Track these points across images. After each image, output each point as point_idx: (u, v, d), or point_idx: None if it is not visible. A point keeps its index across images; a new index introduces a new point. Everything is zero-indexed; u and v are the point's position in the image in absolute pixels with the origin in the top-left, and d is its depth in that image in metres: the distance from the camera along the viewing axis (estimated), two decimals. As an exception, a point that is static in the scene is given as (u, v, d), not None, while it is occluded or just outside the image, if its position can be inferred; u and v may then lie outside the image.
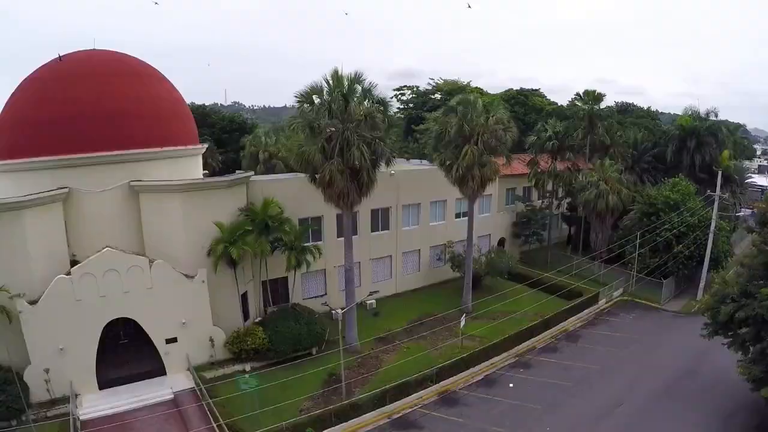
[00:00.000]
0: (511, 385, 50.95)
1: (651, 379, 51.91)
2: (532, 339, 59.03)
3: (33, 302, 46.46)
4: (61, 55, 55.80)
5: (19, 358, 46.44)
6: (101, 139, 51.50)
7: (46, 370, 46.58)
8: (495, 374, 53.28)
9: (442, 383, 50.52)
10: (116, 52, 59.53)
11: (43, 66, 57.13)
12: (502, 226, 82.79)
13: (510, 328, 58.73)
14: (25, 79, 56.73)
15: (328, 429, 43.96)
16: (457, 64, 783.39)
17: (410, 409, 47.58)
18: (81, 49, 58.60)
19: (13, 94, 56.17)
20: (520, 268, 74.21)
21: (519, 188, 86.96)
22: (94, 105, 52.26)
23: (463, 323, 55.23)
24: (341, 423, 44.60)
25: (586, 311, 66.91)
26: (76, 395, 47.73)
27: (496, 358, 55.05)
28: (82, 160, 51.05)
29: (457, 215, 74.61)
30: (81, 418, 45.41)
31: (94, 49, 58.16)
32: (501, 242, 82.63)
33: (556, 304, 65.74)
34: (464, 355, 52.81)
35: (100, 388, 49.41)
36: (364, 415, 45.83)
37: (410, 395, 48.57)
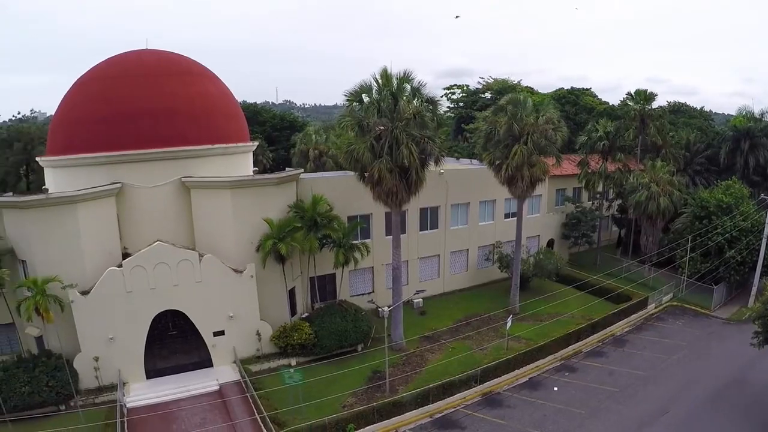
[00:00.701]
0: (555, 388, 50.51)
1: (698, 387, 50.90)
2: (579, 342, 58.36)
3: (85, 292, 47.95)
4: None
5: (69, 345, 47.90)
6: (154, 136, 52.92)
7: (96, 358, 48.18)
8: (540, 377, 52.90)
9: (487, 384, 50.31)
10: (168, 52, 61.05)
11: (97, 65, 58.96)
12: (551, 227, 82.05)
13: (556, 330, 58.20)
14: (80, 78, 58.64)
15: (370, 426, 44.16)
16: (507, 63, 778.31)
17: (453, 409, 47.51)
18: (133, 49, 60.33)
19: (68, 93, 58.14)
20: (568, 269, 73.62)
21: (569, 189, 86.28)
22: (147, 103, 53.71)
23: (509, 324, 55.01)
24: (383, 420, 44.76)
25: (634, 316, 65.68)
26: (124, 383, 49.10)
27: (541, 361, 54.62)
28: (135, 156, 52.49)
29: (506, 215, 74.24)
30: (128, 405, 46.81)
31: (146, 49, 59.78)
32: (550, 243, 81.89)
33: (603, 308, 64.87)
34: (509, 356, 52.43)
35: (148, 377, 50.76)
36: (406, 413, 45.91)
37: (454, 395, 48.47)
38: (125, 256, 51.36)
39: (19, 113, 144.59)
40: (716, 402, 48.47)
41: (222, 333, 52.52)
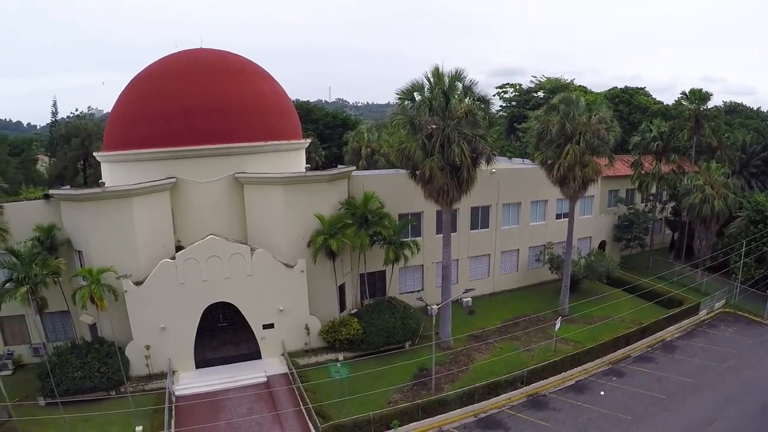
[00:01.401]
0: (602, 392, 49.92)
1: (747, 397, 49.76)
2: (628, 347, 57.52)
3: (138, 283, 49.27)
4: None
5: (122, 334, 49.31)
6: (208, 132, 54.14)
7: (147, 347, 49.71)
8: (587, 380, 52.33)
9: (533, 385, 50.04)
10: (222, 51, 62.38)
11: (152, 64, 60.69)
12: (603, 228, 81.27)
13: (605, 334, 57.55)
14: (136, 76, 60.44)
15: (414, 423, 44.33)
16: (560, 62, 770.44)
17: (497, 410, 47.37)
18: (189, 48, 61.80)
19: (124, 91, 59.86)
20: (619, 272, 72.63)
21: (622, 190, 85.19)
22: (201, 101, 54.91)
23: (558, 326, 54.55)
24: (427, 418, 44.86)
25: (685, 321, 64.40)
26: (174, 372, 50.38)
27: (589, 364, 54.03)
28: (190, 152, 53.73)
29: (558, 216, 73.65)
30: (176, 393, 48.01)
31: (200, 48, 61.15)
32: (601, 245, 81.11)
33: (654, 312, 63.80)
34: (557, 358, 52.08)
35: (197, 367, 52.03)
36: (450, 412, 45.92)
37: (499, 395, 48.32)
38: (179, 248, 52.73)
39: (77, 110, 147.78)
40: (766, 415, 47.27)
41: (271, 326, 53.30)
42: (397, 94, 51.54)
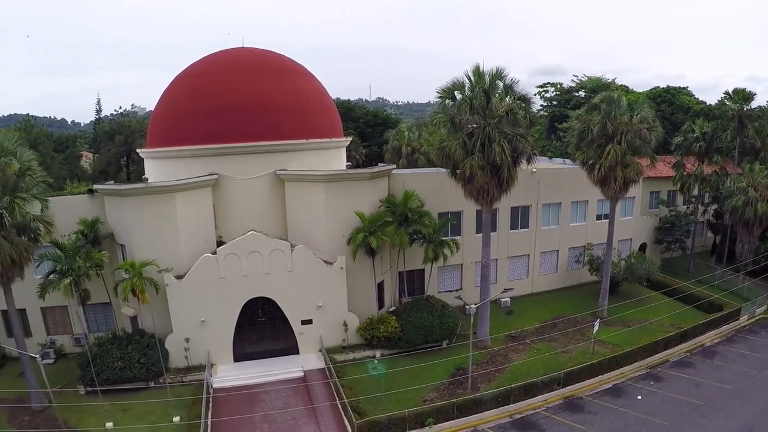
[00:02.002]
0: (639, 397, 49.19)
1: (787, 406, 48.98)
2: (666, 351, 56.65)
3: (180, 277, 50.17)
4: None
5: (162, 326, 50.25)
6: (250, 130, 54.86)
7: (186, 339, 50.60)
8: (624, 384, 51.65)
9: (569, 388, 49.63)
10: (264, 50, 63.23)
11: (195, 62, 61.78)
12: (644, 230, 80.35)
13: (644, 337, 56.86)
14: (179, 74, 61.64)
15: (449, 421, 44.28)
16: (602, 61, 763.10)
17: (533, 411, 47.07)
18: (231, 47, 62.70)
19: (168, 89, 61.14)
20: (659, 275, 71.80)
21: (663, 192, 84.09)
22: (243, 98, 55.72)
23: (596, 328, 53.94)
24: (463, 417, 44.77)
25: (725, 327, 63.07)
26: (212, 365, 51.18)
27: (626, 368, 53.34)
28: (232, 149, 54.54)
29: (598, 217, 72.87)
30: (214, 385, 48.74)
31: (243, 47, 61.97)
32: (642, 247, 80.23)
33: (694, 317, 62.90)
34: (594, 361, 51.56)
35: (235, 360, 52.85)
36: (486, 412, 45.76)
37: (535, 396, 48.02)
38: (219, 244, 53.40)
39: (120, 108, 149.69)
40: (805, 425, 46.32)
41: (310, 322, 53.77)
42: (438, 92, 51.50)
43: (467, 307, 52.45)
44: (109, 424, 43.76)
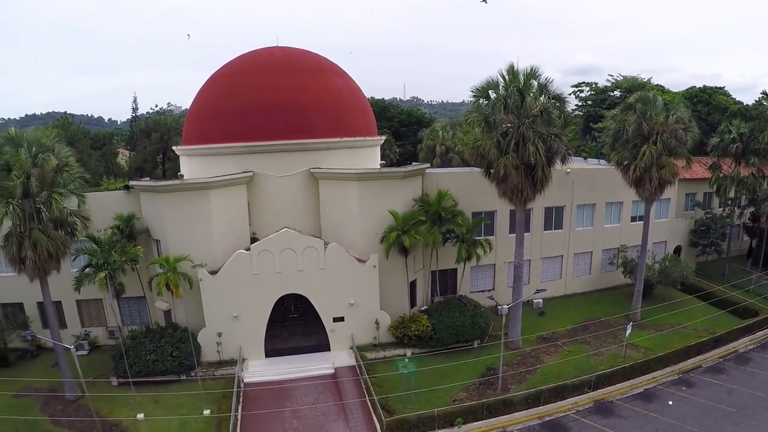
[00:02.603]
0: (670, 402, 48.40)
1: (823, 416, 47.94)
2: (699, 356, 55.71)
3: (213, 272, 50.69)
4: None
5: (195, 320, 51.19)
6: (284, 128, 55.25)
7: (219, 334, 51.29)
8: (655, 389, 50.88)
9: (600, 391, 49.10)
10: (298, 49, 63.59)
11: (230, 61, 62.54)
12: (678, 232, 79.23)
13: (676, 341, 56.11)
14: (215, 73, 62.38)
15: (478, 421, 44.15)
16: (637, 60, 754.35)
17: (563, 414, 46.66)
18: (265, 46, 63.48)
19: (203, 87, 61.96)
20: (693, 279, 70.62)
21: (699, 194, 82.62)
22: (278, 97, 56.17)
23: (629, 331, 53.42)
24: (492, 417, 44.58)
25: (760, 333, 61.58)
26: (243, 360, 51.90)
27: (658, 372, 52.62)
28: (267, 147, 54.96)
29: (633, 218, 72.09)
30: (245, 380, 49.34)
31: (277, 46, 62.53)
32: (677, 250, 79.26)
33: (728, 322, 61.74)
34: (626, 364, 51.05)
35: (266, 356, 53.37)
36: (515, 413, 45.55)
37: (565, 399, 47.63)
38: (253, 240, 53.80)
39: (156, 106, 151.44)
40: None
41: (342, 319, 54.04)
42: (472, 91, 51.29)
43: (499, 307, 52.26)
44: (141, 416, 44.60)
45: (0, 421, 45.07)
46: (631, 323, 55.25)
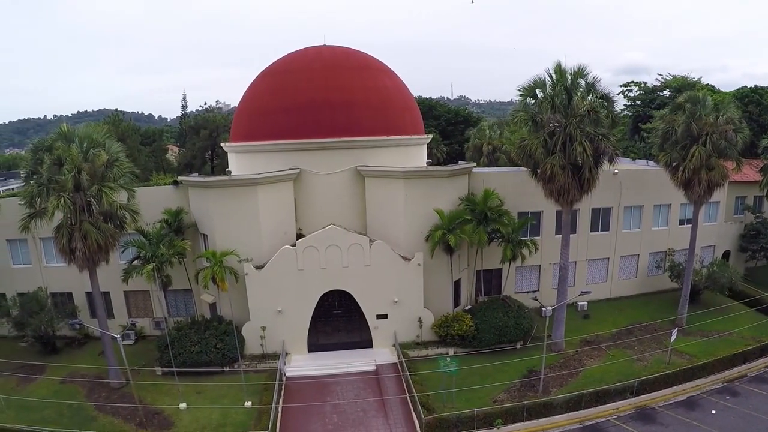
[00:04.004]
0: (713, 411, 47.29)
1: None
2: (745, 365, 54.49)
3: (259, 267, 51.38)
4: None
5: (240, 314, 51.85)
6: (331, 126, 55.78)
7: (263, 328, 52.01)
8: (698, 397, 49.85)
9: (642, 397, 48.43)
10: (346, 48, 64.08)
11: (278, 60, 63.21)
12: (727, 237, 77.66)
13: (722, 349, 54.91)
14: (263, 71, 63.28)
15: (518, 423, 44.01)
16: (687, 59, 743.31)
17: (603, 419, 46.07)
18: (313, 45, 63.98)
19: (251, 85, 62.89)
20: (742, 285, 69.37)
21: (750, 197, 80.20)
22: (325, 95, 56.67)
23: (673, 337, 52.49)
24: (532, 420, 44.38)
25: None
26: (286, 354, 52.62)
27: (702, 380, 51.58)
28: (314, 144, 55.62)
29: (681, 221, 71.03)
30: (287, 374, 49.89)
31: (325, 45, 63.05)
32: (725, 255, 77.86)
33: (776, 330, 60.72)
34: (670, 371, 50.28)
35: (309, 350, 54.07)
36: (555, 416, 45.25)
37: (607, 404, 47.10)
38: (299, 236, 54.31)
39: (205, 104, 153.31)
40: None
41: (385, 316, 54.30)
42: (519, 90, 50.91)
43: (543, 308, 51.87)
44: (183, 405, 45.53)
45: (46, 405, 46.58)
46: (676, 329, 54.41)
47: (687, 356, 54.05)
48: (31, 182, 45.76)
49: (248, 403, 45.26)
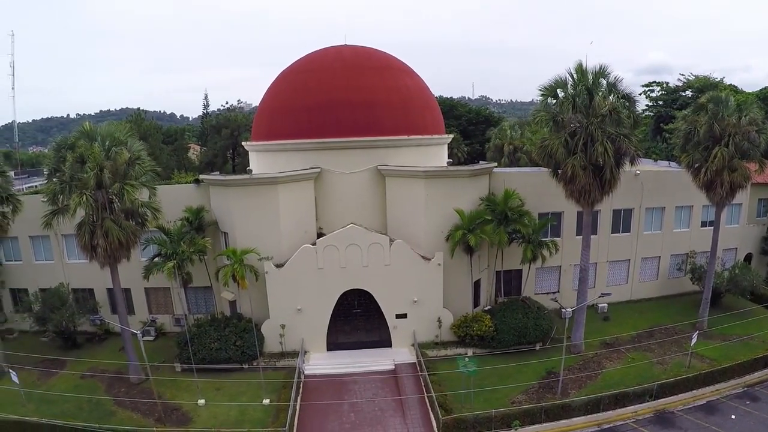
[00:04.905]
0: (733, 416, 46.62)
1: None
2: (766, 370, 53.62)
3: (279, 265, 51.65)
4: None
5: (259, 312, 52.09)
6: (352, 125, 55.87)
7: (282, 326, 52.33)
8: (718, 402, 49.17)
9: (661, 400, 47.93)
10: (366, 47, 64.20)
11: (299, 60, 63.52)
12: (750, 239, 76.87)
13: (743, 353, 54.34)
14: (284, 71, 63.53)
15: (536, 425, 43.81)
16: (709, 59, 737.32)
17: (622, 422, 45.70)
18: (333, 44, 64.35)
19: (272, 85, 63.09)
20: (764, 288, 68.53)
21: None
22: (346, 95, 56.79)
23: (694, 340, 52.09)
24: (550, 422, 44.17)
25: None
26: (305, 352, 52.78)
27: (722, 384, 51.02)
28: (335, 143, 55.72)
29: (703, 223, 70.27)
30: (306, 372, 50.02)
31: (345, 45, 63.26)
32: (747, 258, 77.18)
33: (799, 334, 59.91)
34: (690, 375, 49.84)
35: (328, 349, 54.19)
36: (574, 419, 44.94)
37: (625, 407, 46.71)
38: (320, 235, 54.47)
39: (227, 103, 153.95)
40: None
41: (404, 316, 54.33)
42: (540, 90, 50.66)
43: (563, 310, 51.56)
44: (201, 401, 45.89)
45: (66, 399, 47.03)
46: (697, 332, 54.11)
47: (707, 360, 53.47)
48: (54, 180, 46.25)
49: (266, 401, 45.47)
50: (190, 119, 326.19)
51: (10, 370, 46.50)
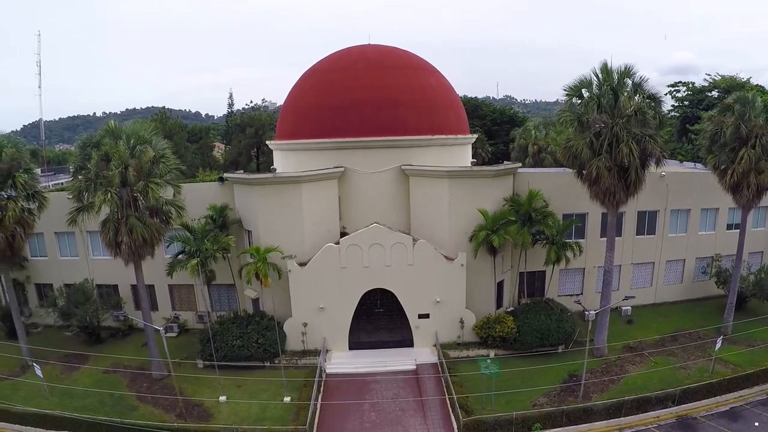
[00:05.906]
0: (756, 424, 45.88)
1: None
2: None
3: (302, 264, 51.76)
4: None
5: (282, 310, 52.48)
6: (376, 125, 55.96)
7: (304, 324, 52.32)
8: (741, 408, 48.39)
9: (683, 406, 47.25)
10: (390, 47, 64.37)
11: (323, 59, 63.78)
12: (776, 244, 76.46)
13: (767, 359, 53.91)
14: (308, 70, 63.84)
15: (557, 428, 43.41)
16: (736, 59, 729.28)
17: (643, 427, 45.14)
18: (357, 44, 64.61)
19: (297, 84, 63.36)
20: (791, 293, 68.02)
21: (800, 202, 79.61)
22: (370, 94, 56.95)
23: (718, 345, 51.22)
24: (571, 425, 43.73)
25: None
26: (327, 350, 52.85)
27: (746, 391, 50.08)
28: (359, 143, 55.82)
29: (729, 226, 69.32)
30: (327, 370, 50.18)
31: (369, 44, 63.54)
32: (774, 262, 76.54)
33: (826, 339, 59.03)
34: (714, 380, 49.05)
35: (350, 348, 54.23)
36: (595, 422, 44.45)
37: (648, 412, 46.07)
38: (343, 234, 54.57)
39: (251, 102, 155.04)
40: None
41: (427, 316, 54.20)
42: (565, 90, 50.35)
43: (586, 312, 51.22)
44: (223, 398, 46.22)
45: (89, 393, 47.58)
46: (721, 337, 52.95)
47: (731, 365, 52.80)
48: (79, 177, 46.79)
49: (287, 399, 45.69)
50: (215, 118, 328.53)
51: (35, 364, 46.96)
